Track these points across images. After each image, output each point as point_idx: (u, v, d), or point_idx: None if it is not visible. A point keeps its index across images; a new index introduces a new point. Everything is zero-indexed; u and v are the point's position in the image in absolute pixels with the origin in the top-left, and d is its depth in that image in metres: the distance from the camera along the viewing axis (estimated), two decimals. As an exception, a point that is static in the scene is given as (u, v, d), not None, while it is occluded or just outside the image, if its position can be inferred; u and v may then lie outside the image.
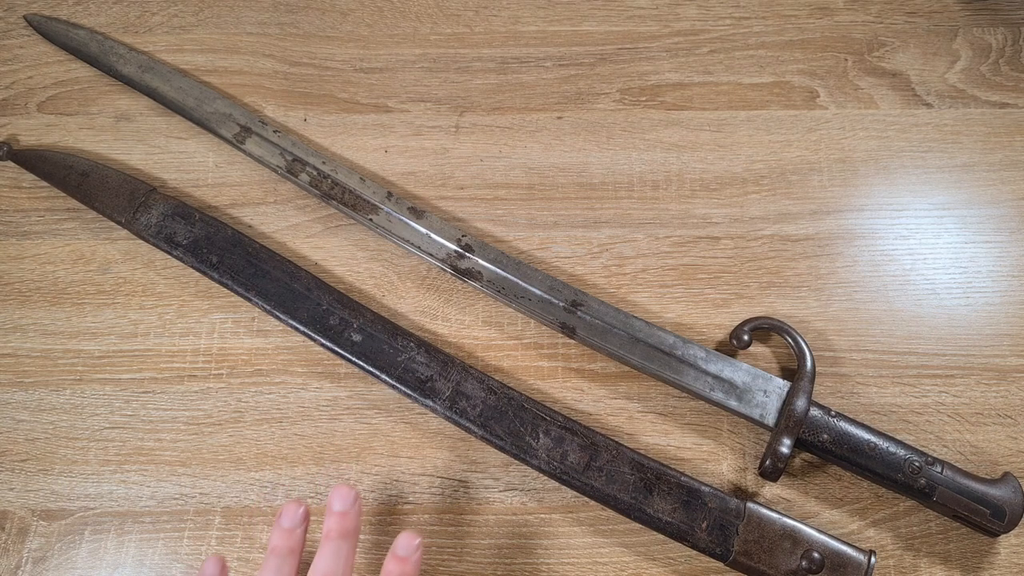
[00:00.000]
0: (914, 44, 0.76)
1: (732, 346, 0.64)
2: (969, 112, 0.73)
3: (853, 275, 0.68)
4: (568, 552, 0.60)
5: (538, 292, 0.65)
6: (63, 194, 0.70)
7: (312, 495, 0.62)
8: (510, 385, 0.62)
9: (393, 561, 0.50)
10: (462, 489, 0.62)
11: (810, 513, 0.61)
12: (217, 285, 0.66)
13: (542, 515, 0.61)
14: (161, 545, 0.61)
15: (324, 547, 0.50)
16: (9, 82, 0.75)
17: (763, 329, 0.65)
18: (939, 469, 0.57)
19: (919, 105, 0.74)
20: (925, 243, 0.69)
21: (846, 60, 0.75)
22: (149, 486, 0.62)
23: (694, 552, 0.58)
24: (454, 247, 0.67)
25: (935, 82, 0.74)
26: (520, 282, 0.65)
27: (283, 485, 0.62)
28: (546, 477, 0.60)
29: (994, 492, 0.57)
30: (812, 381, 0.61)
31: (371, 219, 0.68)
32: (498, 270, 0.66)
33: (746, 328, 0.64)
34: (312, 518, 0.54)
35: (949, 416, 0.63)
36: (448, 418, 0.61)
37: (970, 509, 0.57)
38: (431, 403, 0.61)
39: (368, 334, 0.63)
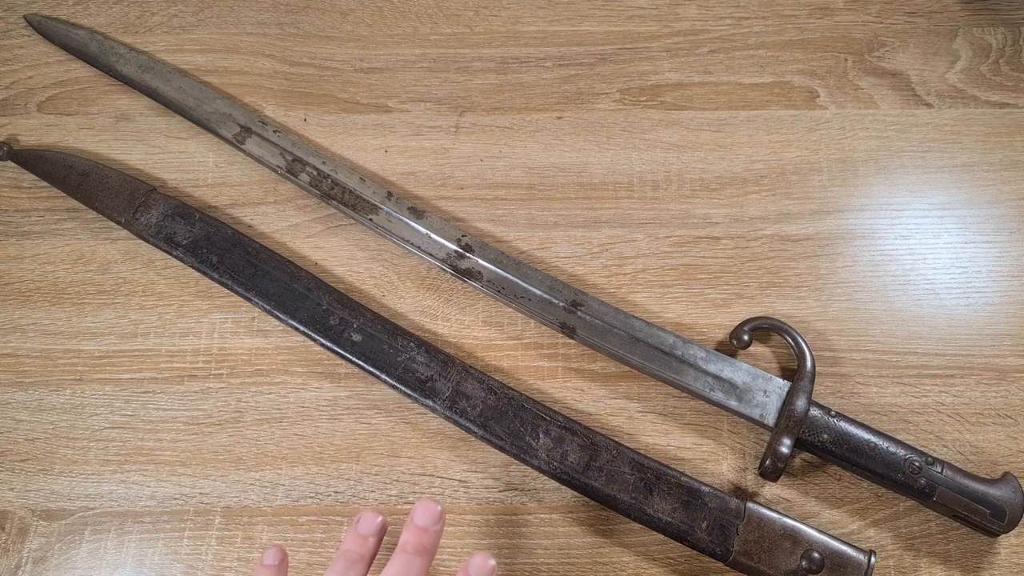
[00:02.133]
0: (914, 44, 0.76)
1: (732, 346, 0.64)
2: (969, 112, 0.73)
3: (853, 275, 0.68)
4: (568, 552, 0.60)
5: (538, 292, 0.65)
6: (63, 194, 0.70)
7: (312, 495, 0.62)
8: (510, 385, 0.62)
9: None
10: (462, 489, 0.62)
11: (810, 513, 0.61)
12: (217, 285, 0.66)
13: (542, 515, 0.61)
14: (161, 545, 0.61)
15: (396, 559, 0.47)
16: (9, 82, 0.75)
17: (763, 329, 0.65)
18: (939, 469, 0.57)
19: (919, 105, 0.74)
20: (925, 243, 0.69)
21: (846, 60, 0.75)
22: (149, 486, 0.62)
23: (694, 552, 0.58)
24: (454, 247, 0.67)
25: (935, 82, 0.74)
26: (520, 282, 0.65)
27: (283, 485, 0.62)
28: (546, 477, 0.60)
29: (994, 492, 0.57)
30: (812, 381, 0.61)
31: (371, 219, 0.68)
32: (498, 270, 0.66)
33: (746, 328, 0.64)
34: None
35: (949, 416, 0.63)
36: (448, 418, 0.61)
37: (970, 509, 0.57)
38: (431, 403, 0.61)
39: (368, 334, 0.63)
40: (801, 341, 0.63)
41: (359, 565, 0.48)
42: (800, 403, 0.59)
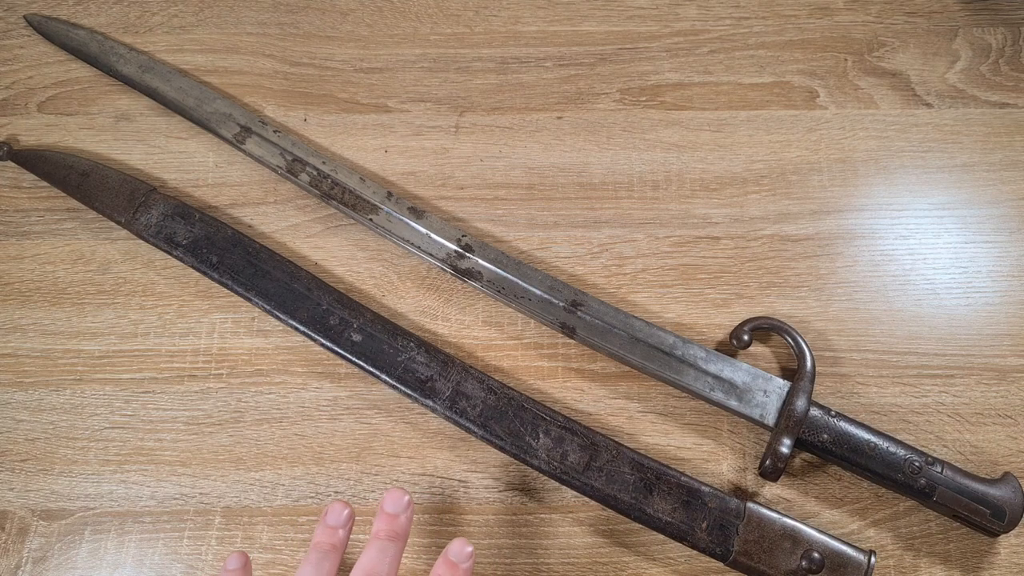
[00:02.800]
0: (914, 44, 0.76)
1: (732, 346, 0.64)
2: (969, 112, 0.73)
3: (853, 275, 0.68)
4: (568, 552, 0.60)
5: (538, 292, 0.65)
6: (63, 194, 0.70)
7: (312, 495, 0.62)
8: (510, 385, 0.62)
9: (444, 565, 0.49)
10: (462, 489, 0.62)
11: (810, 513, 0.61)
12: (217, 285, 0.66)
13: (542, 515, 0.61)
14: (161, 545, 0.61)
15: (371, 545, 0.50)
16: (9, 82, 0.75)
17: (763, 329, 0.65)
18: (939, 469, 0.57)
19: (919, 105, 0.74)
20: (925, 243, 0.69)
21: (846, 60, 0.75)
22: (149, 486, 0.62)
23: (694, 552, 0.58)
24: (454, 247, 0.67)
25: (935, 82, 0.74)
26: (520, 282, 0.65)
27: (283, 485, 0.62)
28: (546, 477, 0.60)
29: (994, 492, 0.57)
30: (812, 381, 0.61)
31: (371, 219, 0.68)
32: (498, 270, 0.66)
33: (746, 328, 0.64)
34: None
35: (949, 416, 0.63)
36: (448, 418, 0.61)
37: (970, 509, 0.57)
38: (431, 403, 0.61)
39: (368, 334, 0.63)
40: (801, 341, 0.63)
41: (332, 555, 0.50)
42: (800, 403, 0.59)
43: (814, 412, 0.59)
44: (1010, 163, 0.71)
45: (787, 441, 0.58)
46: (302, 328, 0.63)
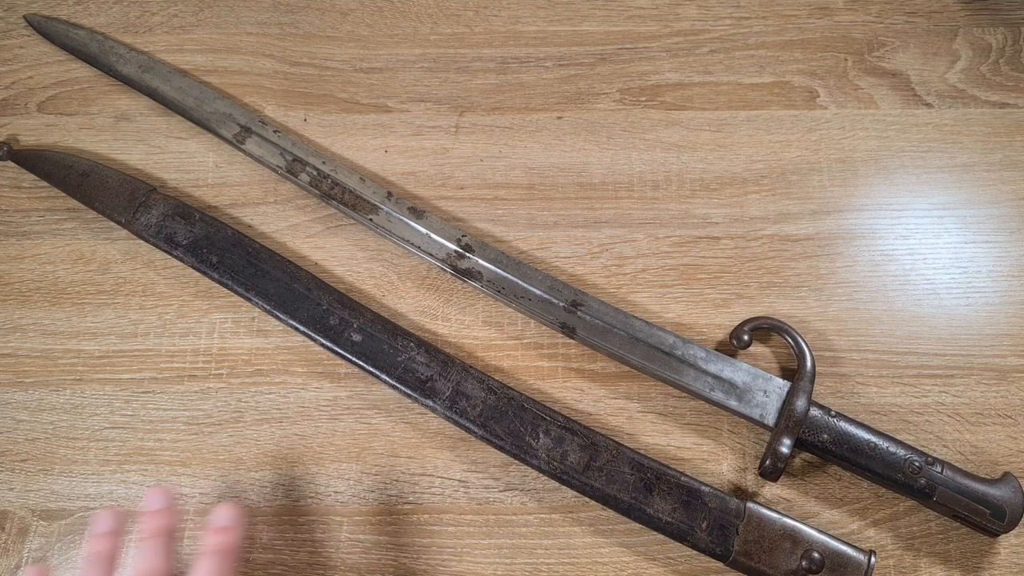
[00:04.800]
0: (914, 44, 0.76)
1: (732, 346, 0.64)
2: (969, 112, 0.73)
3: (853, 275, 0.68)
4: (568, 552, 0.60)
5: (538, 292, 0.65)
6: (63, 194, 0.70)
7: (312, 495, 0.62)
8: (510, 385, 0.62)
9: (212, 534, 0.51)
10: (462, 489, 0.62)
11: (810, 513, 0.61)
12: (217, 285, 0.66)
13: (542, 515, 0.61)
14: (161, 545, 0.61)
15: (141, 547, 0.51)
16: (9, 82, 0.75)
17: (763, 329, 0.65)
18: (939, 469, 0.57)
19: (919, 105, 0.74)
20: (925, 243, 0.69)
21: (846, 60, 0.75)
22: (149, 486, 0.62)
23: (694, 552, 0.58)
24: (454, 247, 0.67)
25: (935, 82, 0.74)
26: (520, 282, 0.65)
27: (283, 485, 0.62)
28: (546, 477, 0.60)
29: (994, 492, 0.57)
30: (812, 381, 0.61)
31: (371, 219, 0.68)
32: (498, 270, 0.66)
33: (746, 328, 0.64)
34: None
35: (949, 416, 0.63)
36: (448, 418, 0.61)
37: (970, 509, 0.57)
38: (431, 403, 0.61)
39: (368, 334, 0.63)
40: (801, 341, 0.63)
41: (107, 565, 0.50)
42: (800, 403, 0.59)
43: (814, 412, 0.59)
44: (1010, 163, 0.71)
45: (787, 441, 0.58)
46: (302, 328, 0.63)
